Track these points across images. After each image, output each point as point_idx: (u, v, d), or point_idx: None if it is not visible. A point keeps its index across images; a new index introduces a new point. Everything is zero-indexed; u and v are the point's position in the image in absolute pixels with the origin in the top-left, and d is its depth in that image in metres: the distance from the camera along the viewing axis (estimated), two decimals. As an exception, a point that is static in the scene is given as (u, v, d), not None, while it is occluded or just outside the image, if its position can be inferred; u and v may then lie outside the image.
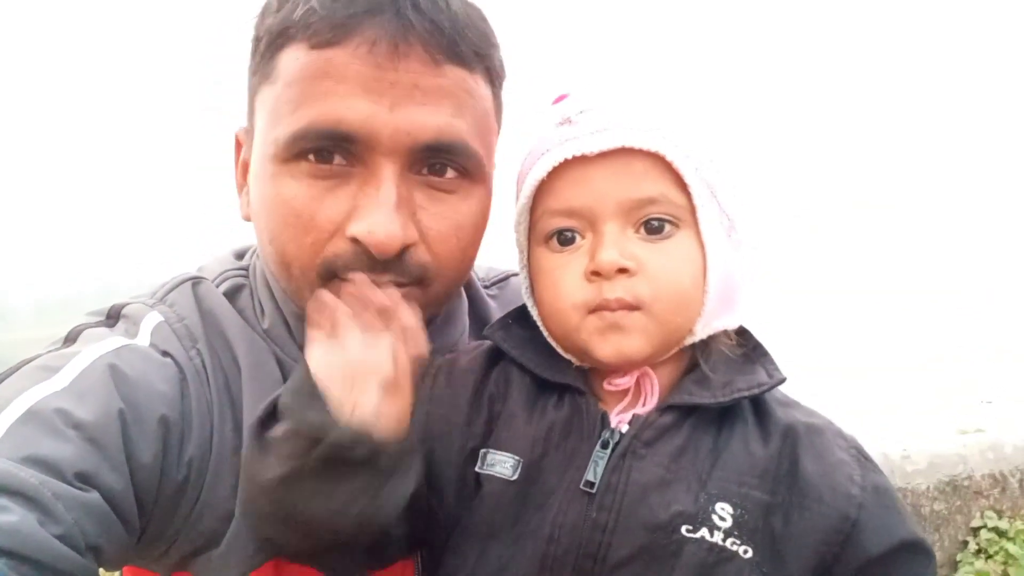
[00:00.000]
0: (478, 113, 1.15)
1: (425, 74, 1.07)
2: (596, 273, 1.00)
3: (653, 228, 1.01)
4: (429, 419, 1.10)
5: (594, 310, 1.02)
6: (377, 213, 1.05)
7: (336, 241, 1.09)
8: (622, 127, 1.00)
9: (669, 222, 1.01)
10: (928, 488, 3.99)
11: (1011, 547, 3.91)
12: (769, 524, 0.98)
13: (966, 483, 4.05)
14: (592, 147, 0.99)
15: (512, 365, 1.13)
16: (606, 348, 1.02)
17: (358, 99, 1.04)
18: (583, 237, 1.04)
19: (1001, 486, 4.10)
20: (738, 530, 0.95)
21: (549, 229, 1.07)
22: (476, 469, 1.04)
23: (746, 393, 1.04)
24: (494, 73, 1.21)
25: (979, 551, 3.96)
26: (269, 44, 1.10)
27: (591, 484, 0.97)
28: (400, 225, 1.06)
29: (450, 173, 1.14)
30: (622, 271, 0.99)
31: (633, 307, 1.00)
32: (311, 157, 1.07)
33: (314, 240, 1.08)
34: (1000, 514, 4.05)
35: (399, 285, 1.12)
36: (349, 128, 1.04)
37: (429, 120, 1.07)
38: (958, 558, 3.97)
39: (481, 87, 1.17)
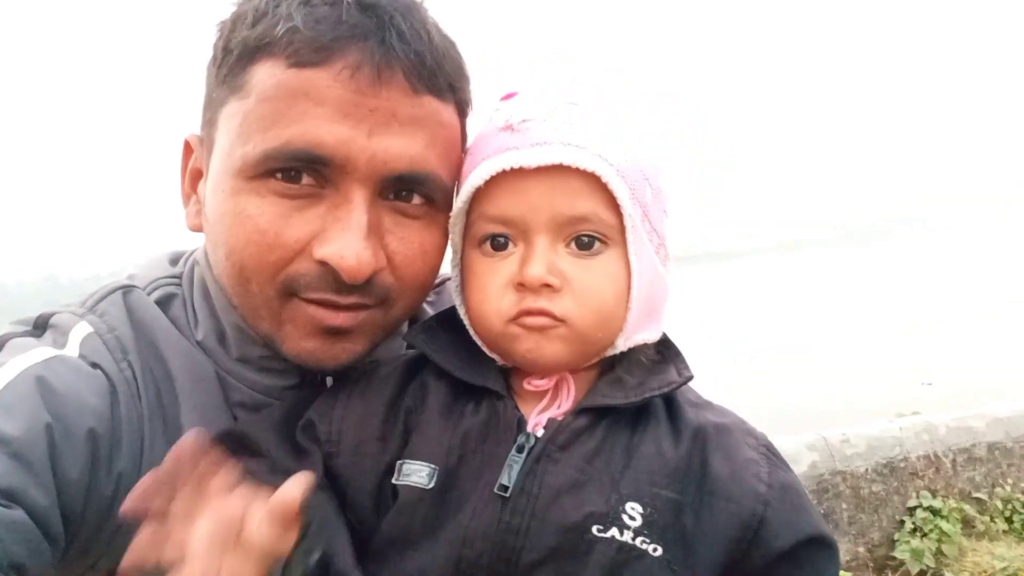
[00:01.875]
0: (448, 144, 1.15)
1: (403, 103, 1.07)
2: (522, 284, 1.02)
3: (583, 244, 1.03)
4: (342, 433, 1.10)
5: (516, 317, 1.04)
6: (348, 238, 1.05)
7: (301, 261, 1.07)
8: (561, 143, 1.01)
9: (599, 239, 1.03)
10: (867, 470, 4.15)
11: (945, 525, 4.09)
12: (680, 522, 0.99)
13: (902, 464, 4.22)
14: (530, 161, 1.00)
15: (430, 375, 1.14)
16: (525, 348, 1.04)
17: (337, 123, 1.03)
18: (515, 245, 1.06)
19: (935, 467, 4.28)
20: (648, 529, 0.96)
21: (483, 233, 1.08)
22: (393, 481, 1.05)
23: (656, 392, 1.06)
24: (464, 104, 1.22)
25: (915, 530, 4.13)
26: (241, 57, 1.07)
27: (505, 488, 0.98)
28: (371, 252, 1.06)
29: (416, 200, 1.14)
30: (547, 286, 1.01)
31: (556, 318, 1.02)
32: (279, 176, 1.05)
33: (278, 258, 1.07)
34: (934, 494, 4.23)
35: (362, 308, 1.12)
36: (326, 151, 1.03)
37: (405, 150, 1.07)
38: (895, 537, 4.14)
39: (452, 118, 1.18)
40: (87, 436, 1.02)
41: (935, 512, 4.15)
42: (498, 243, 1.06)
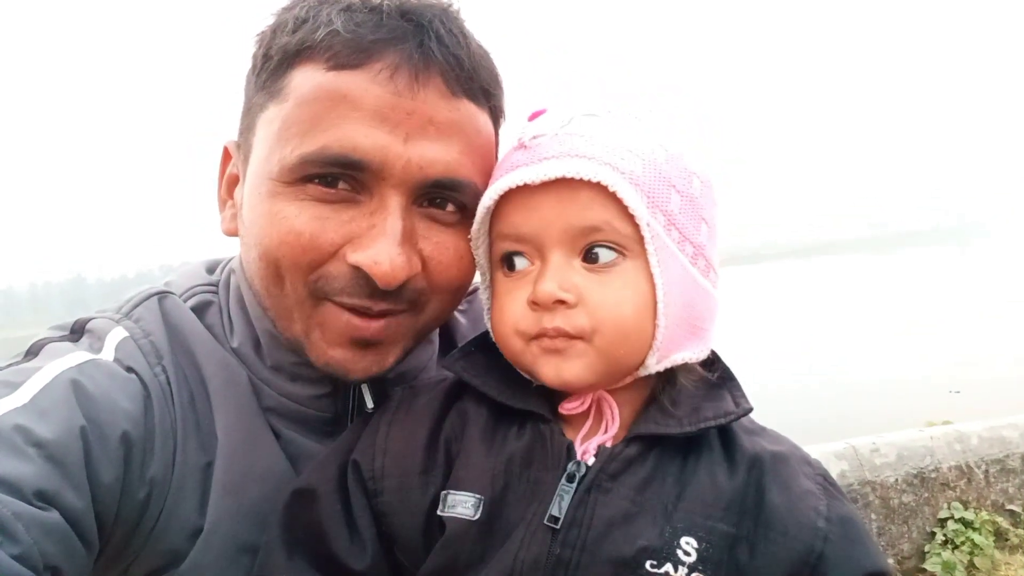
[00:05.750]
0: (483, 150, 1.16)
1: (440, 107, 1.07)
2: (536, 303, 1.00)
3: (598, 257, 0.99)
4: (385, 470, 1.08)
5: (535, 338, 1.01)
6: (383, 244, 1.05)
7: (333, 263, 1.08)
8: (569, 156, 0.98)
9: (615, 251, 0.99)
10: (897, 480, 4.07)
11: (977, 537, 4.01)
12: (734, 556, 0.96)
13: (933, 475, 4.14)
14: (535, 176, 0.98)
15: (469, 401, 1.12)
16: (547, 371, 1.01)
17: (374, 127, 1.03)
18: (532, 263, 1.03)
19: (967, 477, 4.19)
20: (703, 564, 0.93)
21: (501, 253, 1.07)
22: (439, 512, 1.02)
23: (712, 423, 1.02)
24: (498, 112, 1.22)
25: (946, 542, 4.05)
26: (281, 62, 1.08)
27: (555, 519, 0.95)
28: (405, 259, 1.06)
29: (450, 207, 1.14)
30: (561, 302, 0.98)
31: (572, 337, 0.99)
32: (316, 181, 1.06)
33: (312, 259, 1.07)
34: (966, 505, 4.14)
35: (394, 313, 1.12)
36: (363, 156, 1.03)
37: (440, 156, 1.07)
38: (926, 549, 4.06)
39: (487, 124, 1.18)
40: (121, 440, 1.02)
41: (967, 524, 4.06)
42: (513, 263, 1.05)
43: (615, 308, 0.98)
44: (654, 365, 1.03)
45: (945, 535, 4.05)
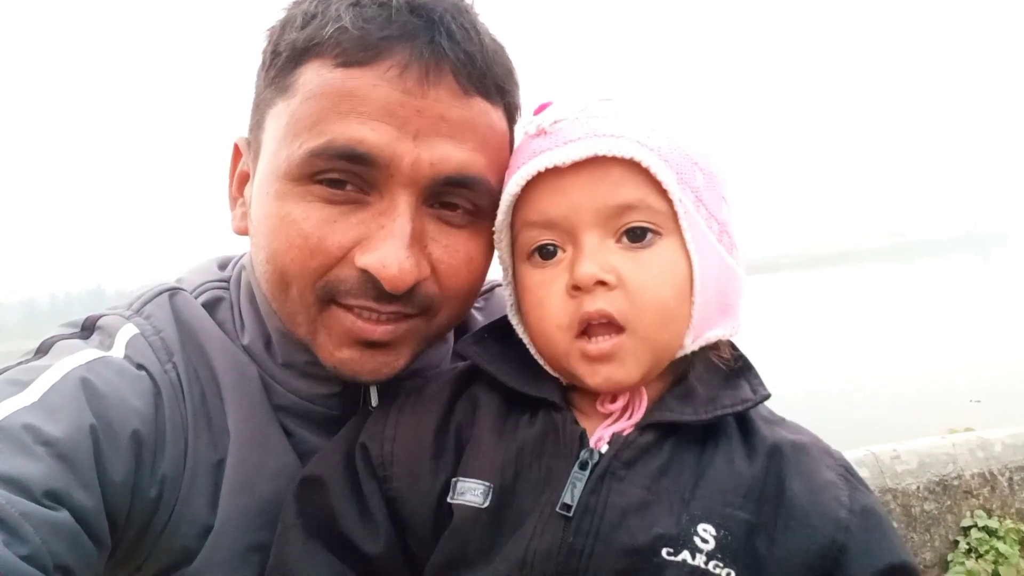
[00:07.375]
0: (497, 147, 1.14)
1: (452, 105, 1.06)
2: (577, 287, 0.98)
3: (634, 236, 0.98)
4: (394, 455, 1.06)
5: (580, 332, 0.99)
6: (391, 246, 1.03)
7: (342, 267, 1.06)
8: (596, 135, 0.98)
9: (651, 230, 0.98)
10: (918, 488, 4.00)
11: (1001, 546, 3.92)
12: (753, 545, 0.94)
13: (956, 482, 4.06)
14: (565, 158, 0.97)
15: (480, 388, 1.10)
16: (596, 378, 1.00)
17: (381, 123, 1.02)
18: (564, 250, 1.02)
19: (991, 485, 4.11)
20: (721, 552, 0.92)
21: (530, 244, 1.05)
22: (448, 500, 1.01)
23: (730, 410, 1.01)
24: (513, 109, 1.20)
25: (970, 550, 3.96)
26: (289, 58, 1.07)
27: (568, 507, 0.94)
28: (414, 262, 1.05)
29: (461, 209, 1.12)
30: (602, 283, 0.96)
31: (617, 325, 0.97)
32: (324, 182, 1.05)
33: (320, 264, 1.06)
34: (990, 513, 4.06)
35: (403, 317, 1.11)
36: (369, 150, 1.02)
37: (452, 154, 1.06)
38: (949, 558, 3.97)
39: (501, 121, 1.16)
40: (131, 438, 1.01)
41: (991, 532, 3.97)
42: (546, 251, 1.03)
43: (656, 290, 0.97)
44: (690, 344, 1.02)
45: (968, 544, 3.97)
